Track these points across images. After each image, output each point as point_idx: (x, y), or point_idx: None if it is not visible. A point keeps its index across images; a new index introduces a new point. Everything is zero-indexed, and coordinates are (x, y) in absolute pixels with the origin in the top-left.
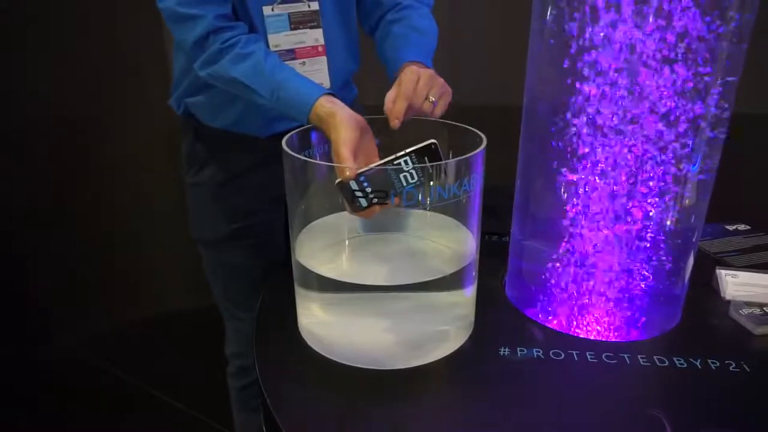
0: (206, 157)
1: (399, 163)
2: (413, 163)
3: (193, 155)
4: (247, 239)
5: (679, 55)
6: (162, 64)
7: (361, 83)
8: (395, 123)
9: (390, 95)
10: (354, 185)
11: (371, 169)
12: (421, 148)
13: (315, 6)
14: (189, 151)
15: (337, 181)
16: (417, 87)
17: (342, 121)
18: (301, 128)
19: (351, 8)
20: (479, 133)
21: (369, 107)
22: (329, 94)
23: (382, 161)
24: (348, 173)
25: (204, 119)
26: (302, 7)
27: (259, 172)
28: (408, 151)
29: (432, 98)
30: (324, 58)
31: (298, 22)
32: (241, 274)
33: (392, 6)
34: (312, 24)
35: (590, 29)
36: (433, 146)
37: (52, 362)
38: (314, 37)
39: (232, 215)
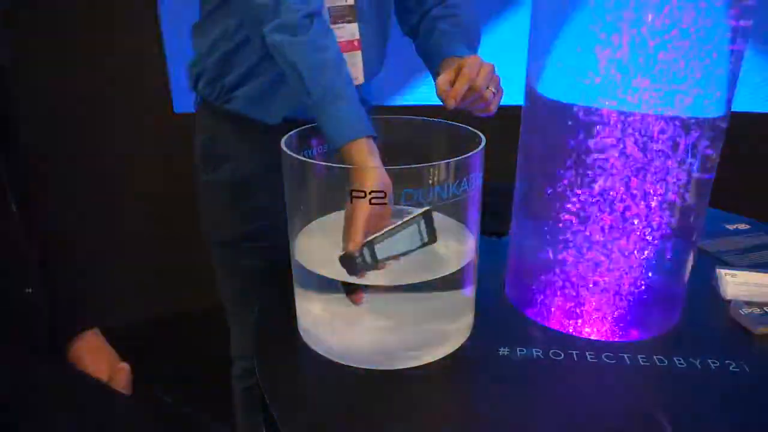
0: (222, 155)
1: (395, 229)
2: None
3: (208, 152)
4: (262, 241)
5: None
6: (162, 63)
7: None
8: (451, 103)
9: (445, 77)
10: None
11: (374, 238)
12: (419, 214)
13: (351, 0)
14: (204, 148)
15: (340, 254)
16: (480, 72)
17: (375, 185)
18: (301, 128)
19: (389, 6)
20: (479, 133)
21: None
22: (373, 137)
23: (384, 231)
24: (351, 247)
25: (245, 109)
26: (340, 2)
27: (277, 171)
28: (406, 219)
29: (493, 89)
30: (359, 53)
31: (336, 17)
32: (253, 276)
33: (437, 2)
34: (348, 18)
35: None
36: (429, 213)
37: None
38: (351, 31)
39: (248, 216)
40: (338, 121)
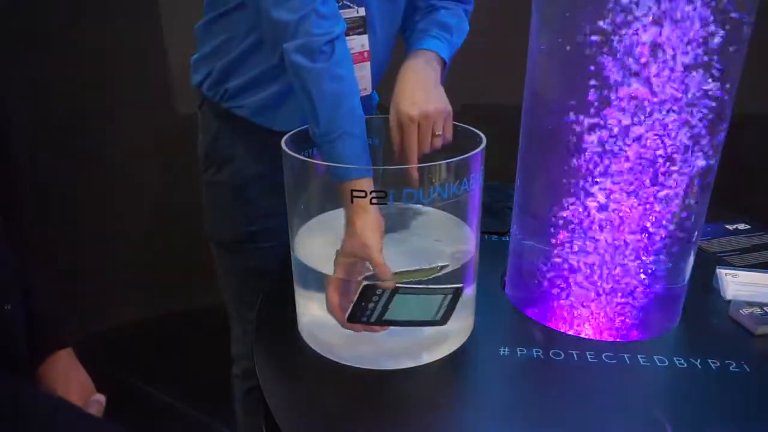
0: (225, 156)
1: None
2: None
3: (211, 153)
4: (264, 242)
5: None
6: (162, 62)
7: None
8: (417, 184)
9: (399, 147)
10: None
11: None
12: (451, 288)
13: (362, 12)
14: (207, 149)
15: (363, 285)
16: (419, 136)
17: (373, 223)
18: (301, 128)
19: (399, 16)
20: (479, 133)
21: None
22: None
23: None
24: (389, 283)
25: (250, 116)
26: (352, 13)
27: (279, 173)
28: (435, 287)
29: (438, 132)
30: (368, 64)
31: (348, 29)
32: (256, 277)
33: (425, 8)
34: (359, 30)
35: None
36: (458, 292)
37: None
38: (361, 43)
39: (250, 217)
40: (340, 159)
